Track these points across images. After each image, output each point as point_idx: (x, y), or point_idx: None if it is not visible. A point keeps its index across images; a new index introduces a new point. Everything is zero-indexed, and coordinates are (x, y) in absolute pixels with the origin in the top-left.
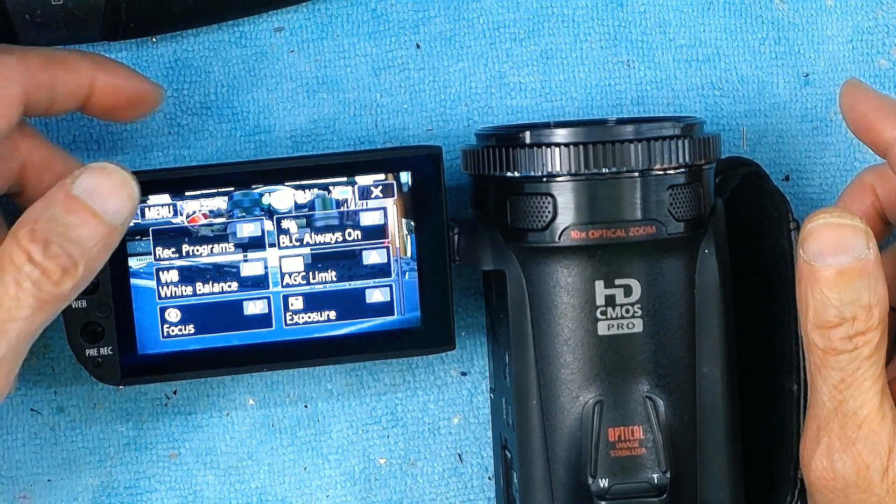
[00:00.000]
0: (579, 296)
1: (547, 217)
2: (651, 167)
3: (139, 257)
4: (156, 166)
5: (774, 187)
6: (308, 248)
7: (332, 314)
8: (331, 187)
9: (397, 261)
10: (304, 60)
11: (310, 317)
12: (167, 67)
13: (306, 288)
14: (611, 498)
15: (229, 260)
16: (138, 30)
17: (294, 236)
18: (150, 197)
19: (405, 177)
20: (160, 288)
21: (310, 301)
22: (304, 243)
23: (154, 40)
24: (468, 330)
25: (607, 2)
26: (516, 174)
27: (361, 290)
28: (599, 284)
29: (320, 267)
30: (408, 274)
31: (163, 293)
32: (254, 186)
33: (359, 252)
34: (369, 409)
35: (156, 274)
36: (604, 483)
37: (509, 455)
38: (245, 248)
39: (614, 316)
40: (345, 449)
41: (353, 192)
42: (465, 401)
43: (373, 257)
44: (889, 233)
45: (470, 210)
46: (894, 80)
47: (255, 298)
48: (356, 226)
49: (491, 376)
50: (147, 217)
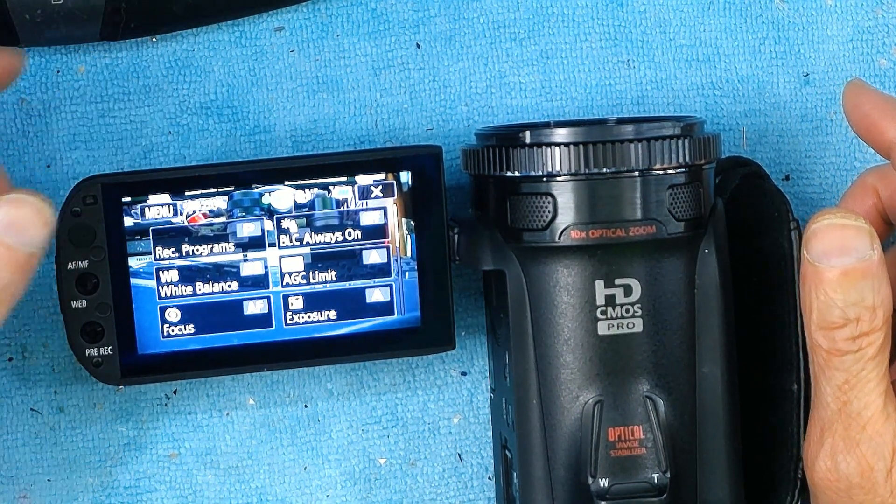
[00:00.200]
0: (579, 295)
1: (547, 217)
2: (651, 167)
3: (139, 257)
4: (156, 166)
5: (774, 187)
6: (308, 248)
7: (332, 314)
8: (331, 187)
9: (397, 260)
10: (304, 60)
11: (310, 317)
12: (167, 67)
13: (306, 288)
14: (611, 498)
15: (229, 260)
16: (138, 30)
17: (294, 236)
18: (149, 197)
19: (405, 177)
20: (160, 288)
21: (310, 301)
22: (304, 243)
23: (154, 40)
24: (468, 330)
25: (607, 2)
26: (516, 174)
27: (361, 289)
28: (599, 284)
29: (320, 267)
30: (408, 274)
31: (163, 293)
32: (254, 186)
33: (359, 252)
34: (369, 409)
35: (156, 274)
36: (604, 483)
37: (509, 455)
38: (245, 247)
39: (614, 316)
40: (345, 449)
41: (353, 192)
42: (465, 401)
43: (373, 257)
44: (891, 233)
45: (470, 210)
46: (894, 80)
47: (255, 298)
48: (356, 225)
49: (491, 376)
50: (147, 217)
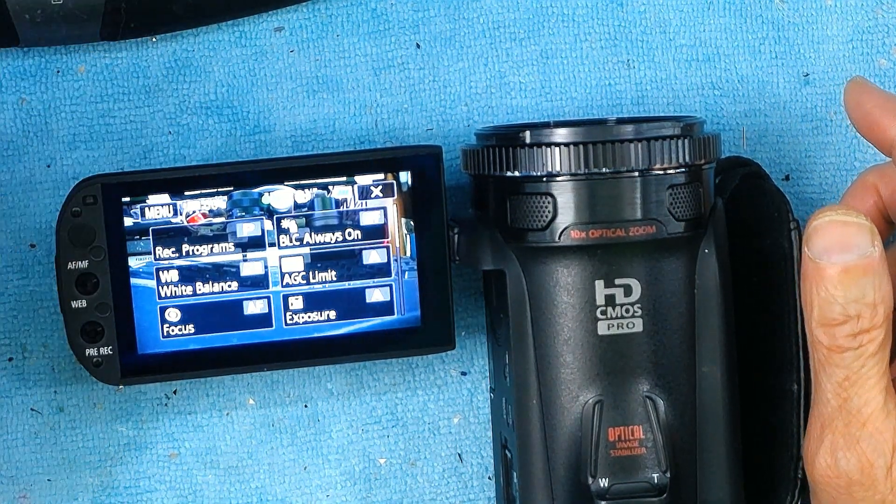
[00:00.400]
0: (579, 295)
1: (547, 217)
2: (651, 167)
3: (139, 257)
4: (156, 166)
5: (774, 187)
6: (308, 248)
7: (332, 314)
8: (330, 187)
9: (397, 260)
10: (304, 60)
11: (310, 316)
12: (167, 67)
13: (306, 288)
14: (611, 498)
15: (229, 260)
16: (138, 30)
17: (294, 236)
18: (149, 197)
19: (405, 177)
20: (160, 288)
21: (310, 301)
22: (304, 243)
23: (154, 40)
24: (468, 330)
25: (607, 2)
26: (516, 174)
27: (361, 289)
28: (599, 284)
29: (320, 267)
30: (408, 274)
31: (163, 293)
32: (253, 186)
33: (359, 252)
34: (369, 409)
35: (156, 274)
36: (604, 483)
37: (509, 455)
38: (245, 247)
39: (614, 316)
40: (345, 449)
41: (353, 192)
42: (465, 401)
43: (373, 257)
44: (892, 232)
45: (470, 210)
46: (894, 80)
47: (254, 298)
48: (356, 225)
49: (491, 376)
50: (147, 217)
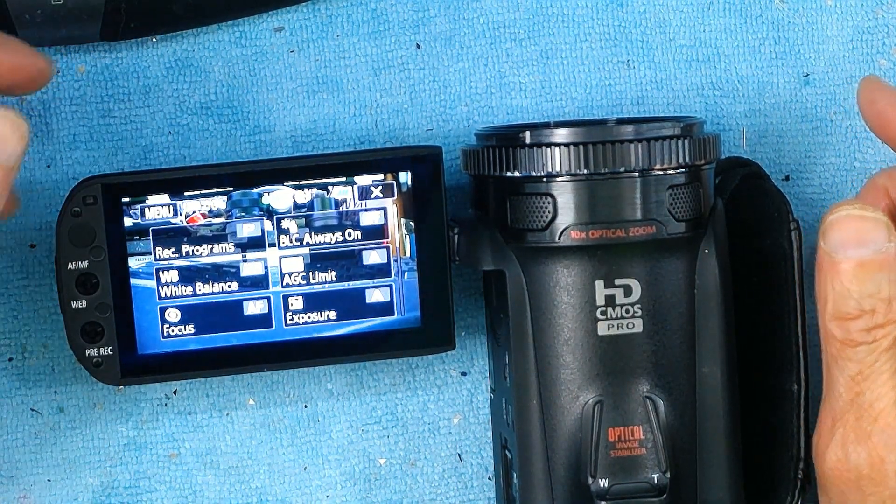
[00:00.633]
0: (579, 296)
1: (547, 217)
2: (651, 167)
3: (139, 257)
4: (156, 166)
5: (774, 187)
6: (308, 248)
7: (332, 314)
8: (330, 187)
9: (397, 261)
10: (304, 60)
11: (310, 317)
12: (167, 67)
13: (306, 288)
14: (611, 498)
15: (229, 260)
16: (138, 30)
17: (294, 236)
18: (149, 197)
19: (405, 177)
20: (160, 288)
21: (310, 301)
22: (304, 243)
23: (154, 40)
24: (468, 330)
25: (607, 2)
26: (516, 174)
27: (361, 290)
28: (599, 284)
29: (320, 267)
30: (407, 274)
31: (163, 293)
32: (253, 186)
33: (358, 252)
34: (369, 409)
35: (156, 274)
36: (604, 483)
37: (509, 455)
38: (245, 248)
39: (614, 316)
40: (345, 449)
41: (353, 192)
42: (465, 401)
43: (373, 257)
44: None
45: (470, 210)
46: (894, 80)
47: (254, 298)
48: (356, 226)
49: (491, 376)
50: (147, 217)
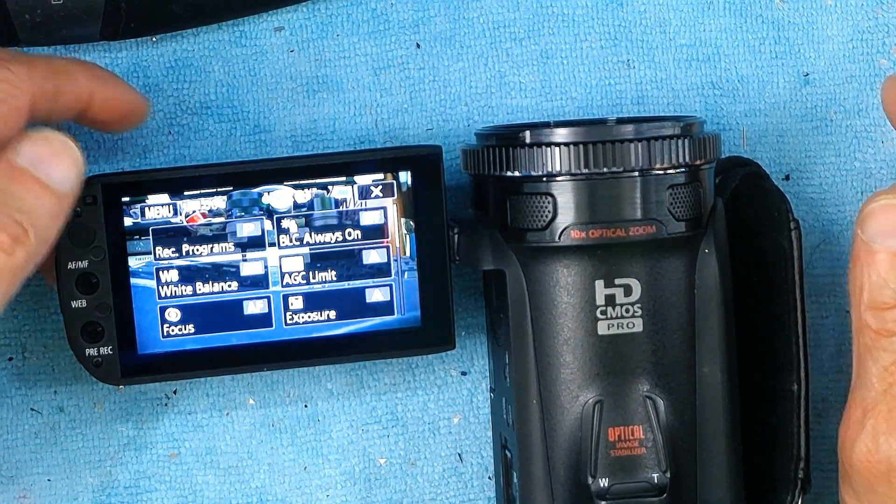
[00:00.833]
0: (579, 295)
1: (547, 217)
2: (651, 167)
3: (139, 257)
4: (156, 166)
5: (774, 187)
6: (308, 248)
7: (332, 314)
8: (330, 187)
9: (397, 260)
10: (304, 60)
11: (310, 316)
12: (167, 67)
13: (306, 287)
14: (611, 498)
15: (229, 259)
16: (138, 30)
17: (294, 236)
18: (149, 197)
19: (405, 177)
20: (160, 287)
21: (310, 301)
22: (304, 243)
23: (154, 40)
24: (468, 330)
25: (607, 2)
26: (516, 174)
27: (361, 289)
28: (599, 284)
29: (320, 266)
30: (407, 274)
31: (163, 293)
32: (253, 186)
33: (358, 252)
34: (369, 409)
35: (156, 273)
36: (604, 483)
37: (509, 455)
38: (244, 247)
39: (614, 316)
40: (345, 449)
41: (353, 192)
42: (465, 401)
43: (372, 257)
44: None
45: (470, 210)
46: None
47: (254, 298)
48: (356, 225)
49: (491, 376)
50: (147, 217)
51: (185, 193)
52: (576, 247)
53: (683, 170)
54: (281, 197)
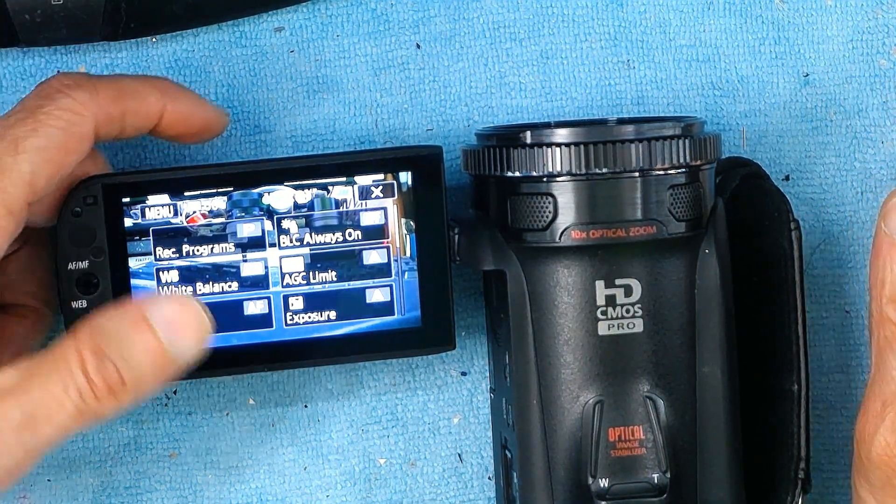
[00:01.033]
0: (580, 296)
1: (547, 217)
2: (651, 167)
3: (139, 257)
4: (156, 166)
5: (774, 187)
6: (308, 248)
7: (332, 314)
8: (330, 187)
9: (397, 261)
10: (304, 60)
11: (310, 317)
12: (167, 67)
13: (306, 288)
14: (611, 498)
15: (229, 260)
16: (138, 30)
17: (294, 236)
18: (149, 197)
19: (405, 177)
20: (160, 288)
21: (310, 301)
22: (304, 243)
23: (154, 40)
24: (468, 330)
25: (607, 2)
26: (516, 174)
27: (361, 290)
28: (600, 284)
29: (320, 267)
30: (408, 274)
31: (163, 293)
32: (253, 186)
33: (359, 252)
34: (369, 409)
35: (156, 274)
36: (604, 483)
37: (509, 455)
38: (245, 248)
39: (614, 316)
40: (345, 449)
41: (353, 192)
42: (465, 401)
43: (373, 257)
44: None
45: (470, 210)
46: (894, 80)
47: (255, 298)
48: (356, 226)
49: (491, 376)
50: (147, 217)
51: (186, 194)
52: (576, 247)
53: (684, 170)
54: (281, 197)
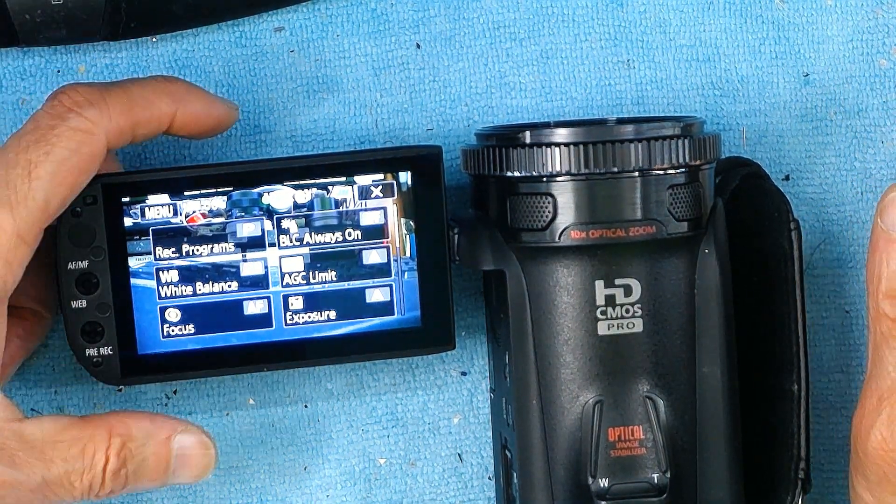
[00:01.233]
0: (579, 296)
1: (547, 217)
2: (651, 167)
3: (139, 257)
4: (155, 166)
5: (774, 187)
6: (308, 248)
7: (332, 314)
8: (330, 187)
9: (397, 261)
10: (304, 60)
11: (310, 317)
12: (167, 67)
13: (306, 288)
14: (611, 498)
15: (229, 260)
16: (138, 30)
17: (294, 236)
18: (149, 197)
19: (405, 177)
20: (160, 288)
21: (310, 301)
22: (304, 243)
23: (154, 40)
24: (468, 330)
25: (607, 2)
26: (516, 174)
27: (361, 289)
28: (599, 284)
29: (320, 267)
30: (407, 274)
31: (163, 293)
32: (253, 186)
33: (358, 252)
34: (369, 409)
35: (156, 274)
36: (604, 483)
37: (509, 455)
38: (244, 247)
39: (614, 316)
40: (345, 449)
41: (353, 192)
42: (465, 401)
43: (373, 257)
44: None
45: (470, 210)
46: (894, 80)
47: (254, 298)
48: (356, 225)
49: (491, 376)
50: (147, 217)
51: (185, 193)
52: (576, 247)
53: (683, 170)
54: (281, 197)
